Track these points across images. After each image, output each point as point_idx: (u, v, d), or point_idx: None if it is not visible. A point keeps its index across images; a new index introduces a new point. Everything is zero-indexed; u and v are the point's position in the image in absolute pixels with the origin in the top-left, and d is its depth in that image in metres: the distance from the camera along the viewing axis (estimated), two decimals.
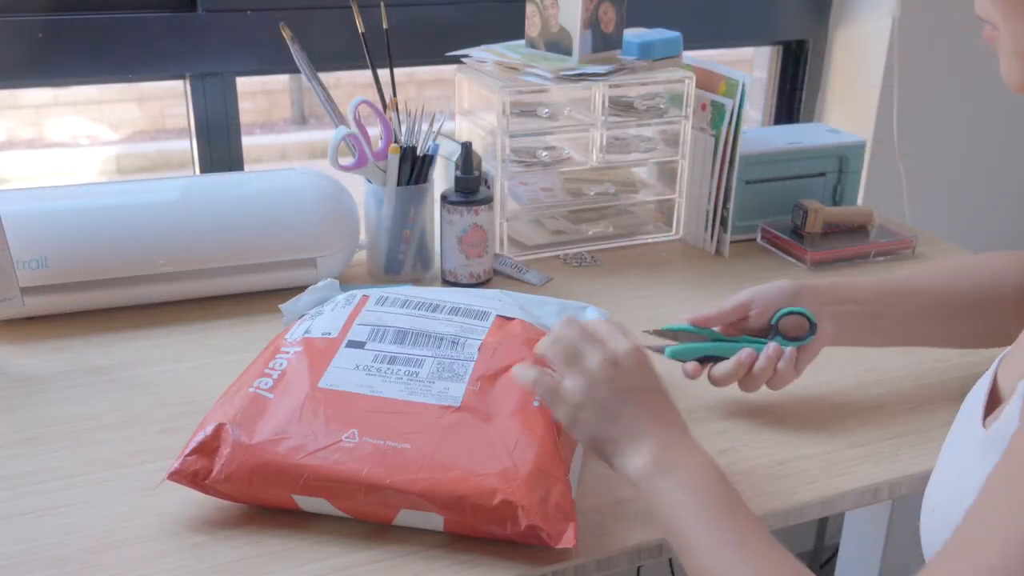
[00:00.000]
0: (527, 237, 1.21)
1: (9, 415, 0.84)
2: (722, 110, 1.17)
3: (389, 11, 1.09)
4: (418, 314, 0.81)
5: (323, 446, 0.68)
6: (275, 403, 0.72)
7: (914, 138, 1.54)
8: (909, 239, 1.23)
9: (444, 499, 0.66)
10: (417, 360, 0.76)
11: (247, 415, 0.71)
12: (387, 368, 0.75)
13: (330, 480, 0.67)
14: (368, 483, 0.67)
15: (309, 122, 3.63)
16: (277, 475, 0.68)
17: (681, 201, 1.24)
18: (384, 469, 0.67)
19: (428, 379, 0.74)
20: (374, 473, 0.67)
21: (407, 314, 0.81)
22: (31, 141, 1.99)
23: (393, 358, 0.76)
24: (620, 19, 1.14)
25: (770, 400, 0.88)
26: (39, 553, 0.67)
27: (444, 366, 0.75)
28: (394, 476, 0.67)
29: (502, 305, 0.84)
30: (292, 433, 0.69)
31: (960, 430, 0.66)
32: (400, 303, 0.83)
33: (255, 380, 0.75)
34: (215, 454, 0.69)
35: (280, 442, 0.69)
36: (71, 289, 0.99)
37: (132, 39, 1.16)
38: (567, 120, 1.18)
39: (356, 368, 0.75)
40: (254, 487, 0.69)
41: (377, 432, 0.69)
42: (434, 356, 0.76)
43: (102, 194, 1.05)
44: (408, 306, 0.82)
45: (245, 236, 1.03)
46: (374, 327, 0.79)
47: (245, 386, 0.74)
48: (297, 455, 0.68)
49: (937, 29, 1.48)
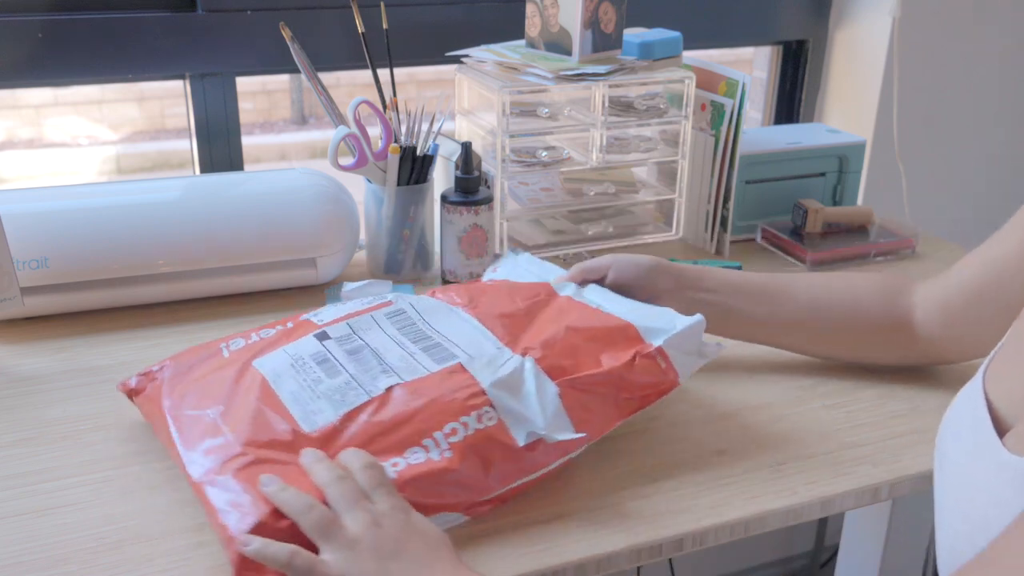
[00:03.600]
0: (527, 237, 1.21)
1: (9, 415, 0.84)
2: (722, 110, 1.17)
3: (389, 11, 1.09)
4: (397, 337, 0.78)
5: (191, 407, 0.74)
6: (219, 362, 0.77)
7: (914, 138, 1.54)
8: (909, 239, 1.23)
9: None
10: (335, 371, 0.74)
11: (192, 362, 0.79)
12: (310, 367, 0.74)
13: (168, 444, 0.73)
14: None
15: (309, 122, 3.63)
16: (156, 416, 0.76)
17: (681, 201, 1.24)
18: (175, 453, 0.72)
19: (320, 393, 0.71)
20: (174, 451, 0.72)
21: (389, 334, 0.79)
22: (31, 141, 1.99)
23: (325, 360, 0.75)
24: (620, 19, 1.14)
25: (771, 400, 0.88)
26: (39, 553, 0.67)
27: (343, 390, 0.72)
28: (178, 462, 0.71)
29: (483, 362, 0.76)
30: (191, 391, 0.75)
31: (971, 454, 0.58)
32: (400, 323, 0.80)
33: (234, 339, 0.81)
34: (152, 380, 0.79)
35: (177, 393, 0.76)
36: (71, 289, 0.99)
37: (132, 39, 1.16)
38: (567, 120, 1.18)
39: (293, 357, 0.76)
40: (151, 418, 0.77)
41: (230, 418, 0.71)
42: (350, 377, 0.73)
43: (102, 194, 1.05)
44: (403, 327, 0.80)
45: (245, 236, 1.03)
46: (352, 332, 0.78)
47: (225, 341, 0.81)
48: (173, 409, 0.74)
49: (937, 29, 1.48)
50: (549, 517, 0.72)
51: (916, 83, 1.51)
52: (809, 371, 0.91)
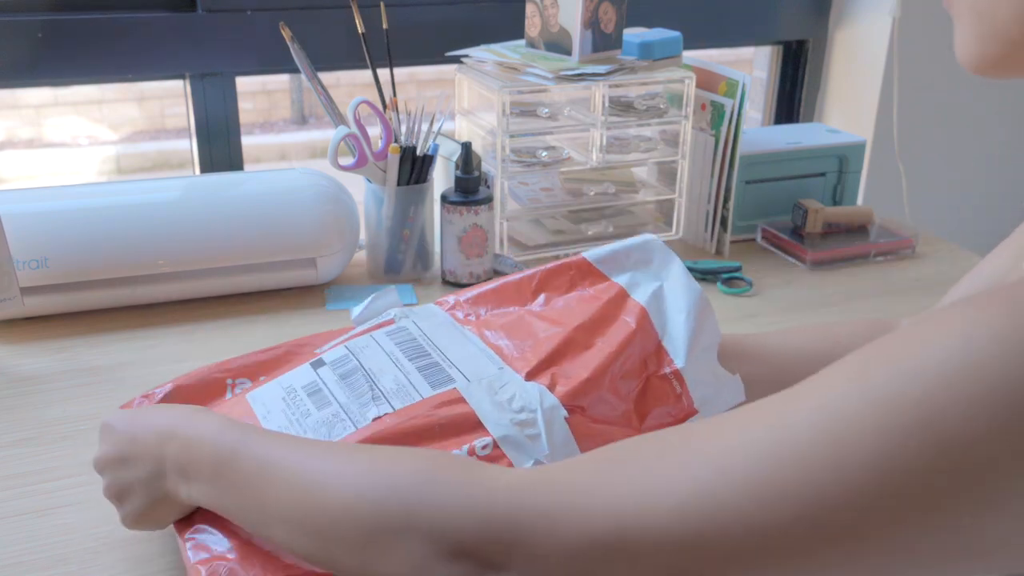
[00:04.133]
0: (527, 237, 1.21)
1: (9, 415, 0.84)
2: (722, 110, 1.17)
3: (389, 11, 1.09)
4: (395, 354, 0.72)
5: None
6: (219, 402, 0.74)
7: (914, 138, 1.54)
8: (909, 239, 1.23)
9: None
10: (325, 402, 0.68)
11: (191, 395, 0.75)
12: (301, 399, 0.69)
13: None
14: None
15: (309, 122, 3.63)
16: None
17: (681, 201, 1.24)
18: None
19: (308, 427, 0.66)
20: None
21: (387, 351, 0.72)
22: (31, 141, 1.99)
23: (316, 391, 0.69)
24: (620, 19, 1.14)
25: None
26: (39, 553, 0.67)
27: (330, 423, 0.67)
28: None
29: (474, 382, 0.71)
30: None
31: None
32: (399, 339, 0.74)
33: (240, 378, 0.77)
34: (152, 398, 0.75)
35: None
36: (71, 289, 0.99)
37: (132, 39, 1.16)
38: (567, 120, 1.18)
39: (285, 389, 0.70)
40: None
41: None
42: (339, 408, 0.68)
43: (102, 194, 1.05)
44: (402, 343, 0.73)
45: (245, 236, 1.03)
46: (349, 353, 0.72)
47: (231, 375, 0.77)
48: None
49: (937, 29, 1.48)
50: None
51: (916, 83, 1.51)
52: (810, 371, 0.90)
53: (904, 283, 1.15)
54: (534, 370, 0.69)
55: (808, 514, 0.39)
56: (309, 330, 0.99)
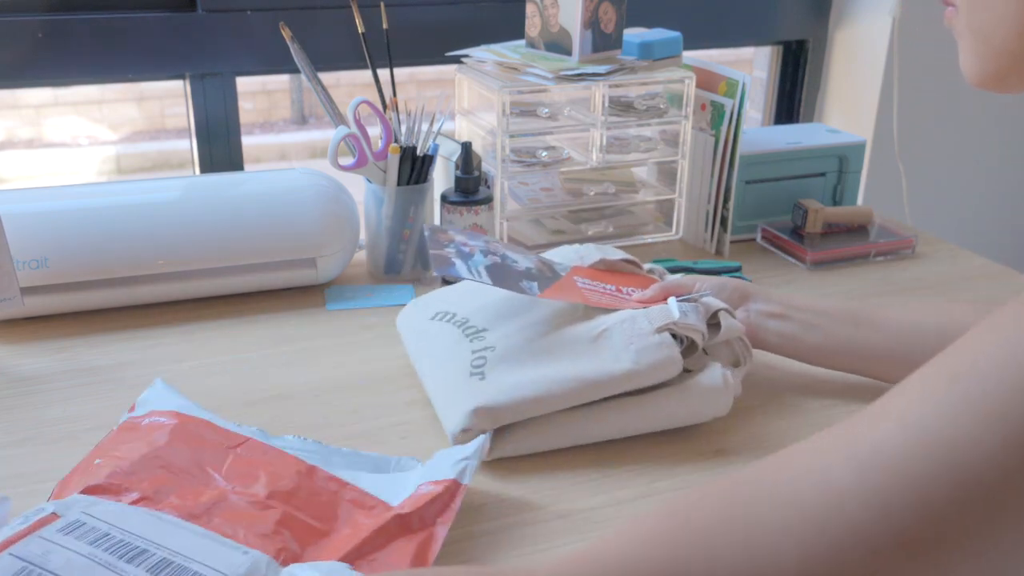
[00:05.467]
0: (527, 237, 1.21)
1: (9, 415, 0.84)
2: (722, 110, 1.17)
3: (389, 11, 1.09)
4: (97, 559, 0.57)
5: None
6: None
7: (914, 138, 1.54)
8: (909, 239, 1.23)
9: None
10: None
11: None
12: None
13: None
14: None
15: (309, 122, 3.63)
16: None
17: (681, 201, 1.24)
18: None
19: None
20: None
21: (85, 556, 0.57)
22: (31, 141, 1.99)
23: None
24: (620, 19, 1.14)
25: (771, 400, 0.88)
26: None
27: None
28: None
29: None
30: None
31: None
32: (91, 539, 0.58)
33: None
34: None
35: None
36: (71, 289, 0.99)
37: (132, 39, 1.17)
38: (567, 120, 1.18)
39: None
40: None
41: None
42: None
43: (102, 194, 1.05)
44: (98, 542, 0.58)
45: (245, 236, 1.03)
46: (25, 565, 0.55)
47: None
48: None
49: (937, 29, 1.47)
50: (549, 517, 0.72)
51: (916, 83, 1.51)
52: (809, 370, 0.90)
53: (904, 283, 1.15)
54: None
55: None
56: (309, 330, 1.00)
